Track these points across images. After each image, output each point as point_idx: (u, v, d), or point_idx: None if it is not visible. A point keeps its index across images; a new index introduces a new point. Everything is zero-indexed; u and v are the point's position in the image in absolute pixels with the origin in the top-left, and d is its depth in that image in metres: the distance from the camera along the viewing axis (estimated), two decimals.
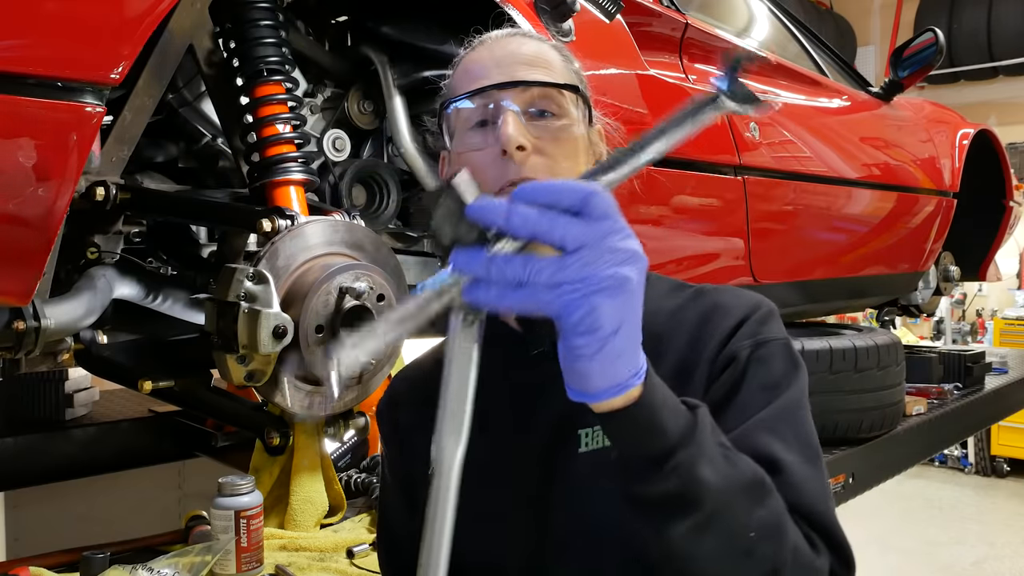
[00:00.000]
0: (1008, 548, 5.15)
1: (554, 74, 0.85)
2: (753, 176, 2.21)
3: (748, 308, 0.84)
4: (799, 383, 0.82)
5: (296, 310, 1.24)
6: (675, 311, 0.88)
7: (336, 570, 1.50)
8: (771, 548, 0.66)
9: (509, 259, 0.56)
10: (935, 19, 7.31)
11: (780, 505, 0.69)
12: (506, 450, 0.86)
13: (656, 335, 0.85)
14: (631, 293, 0.57)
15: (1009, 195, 3.61)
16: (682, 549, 0.65)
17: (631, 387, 0.61)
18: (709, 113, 0.66)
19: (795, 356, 0.83)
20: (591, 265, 0.55)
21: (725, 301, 0.86)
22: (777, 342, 0.83)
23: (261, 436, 1.55)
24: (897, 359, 2.38)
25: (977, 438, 6.52)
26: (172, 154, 1.59)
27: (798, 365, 0.83)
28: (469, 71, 0.87)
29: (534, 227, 0.55)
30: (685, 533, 0.64)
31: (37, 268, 1.05)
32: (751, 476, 0.67)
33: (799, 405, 0.81)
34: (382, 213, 1.64)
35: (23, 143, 0.98)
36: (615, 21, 1.81)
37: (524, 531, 0.84)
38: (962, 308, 7.91)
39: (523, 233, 0.56)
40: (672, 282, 0.93)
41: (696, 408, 0.67)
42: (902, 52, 3.12)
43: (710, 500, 0.63)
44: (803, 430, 0.79)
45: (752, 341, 0.82)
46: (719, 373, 0.81)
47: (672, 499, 0.63)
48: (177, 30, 1.29)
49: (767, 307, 0.86)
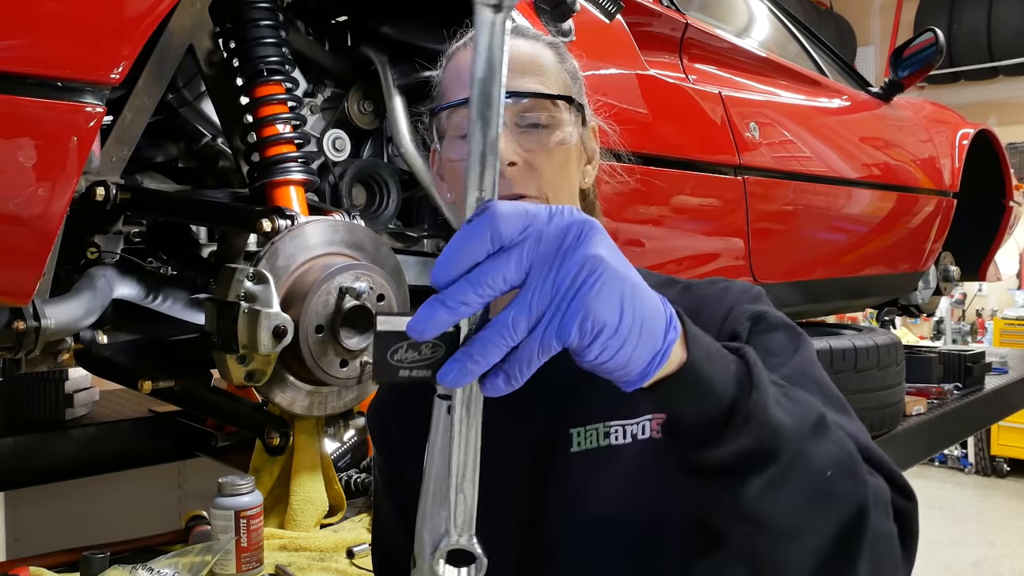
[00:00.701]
0: (1008, 548, 5.15)
1: (547, 80, 0.84)
2: (753, 176, 2.21)
3: (737, 292, 0.84)
4: (806, 346, 0.79)
5: (296, 310, 1.24)
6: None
7: (336, 570, 1.50)
8: (849, 484, 0.62)
9: (482, 341, 0.50)
10: (935, 19, 7.31)
11: (843, 436, 0.64)
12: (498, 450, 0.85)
13: None
14: (607, 265, 0.50)
15: (1009, 195, 3.61)
16: (761, 507, 0.59)
17: (671, 346, 0.54)
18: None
19: (794, 325, 0.81)
20: (550, 277, 0.49)
21: (714, 293, 0.85)
22: (773, 315, 0.81)
23: (261, 436, 1.55)
24: (897, 359, 2.38)
25: (977, 438, 6.52)
26: (172, 154, 1.59)
27: (800, 332, 0.80)
28: (459, 73, 0.85)
29: (476, 297, 0.50)
30: (764, 487, 0.58)
31: (37, 268, 1.05)
32: (814, 411, 0.62)
33: (812, 362, 0.78)
34: (382, 213, 1.64)
35: (23, 143, 0.98)
36: (615, 21, 1.82)
37: (516, 532, 0.83)
38: (962, 308, 7.91)
39: (475, 307, 0.50)
40: (661, 278, 0.92)
41: (741, 350, 0.61)
42: (902, 52, 3.12)
43: (786, 446, 0.58)
44: (825, 384, 0.76)
45: (749, 316, 0.80)
46: None
47: (748, 455, 0.58)
48: (177, 30, 1.29)
49: (755, 289, 0.85)
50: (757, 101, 2.39)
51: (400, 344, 0.52)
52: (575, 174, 0.86)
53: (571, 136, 0.83)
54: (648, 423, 0.80)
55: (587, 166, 0.90)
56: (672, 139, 1.97)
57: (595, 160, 0.91)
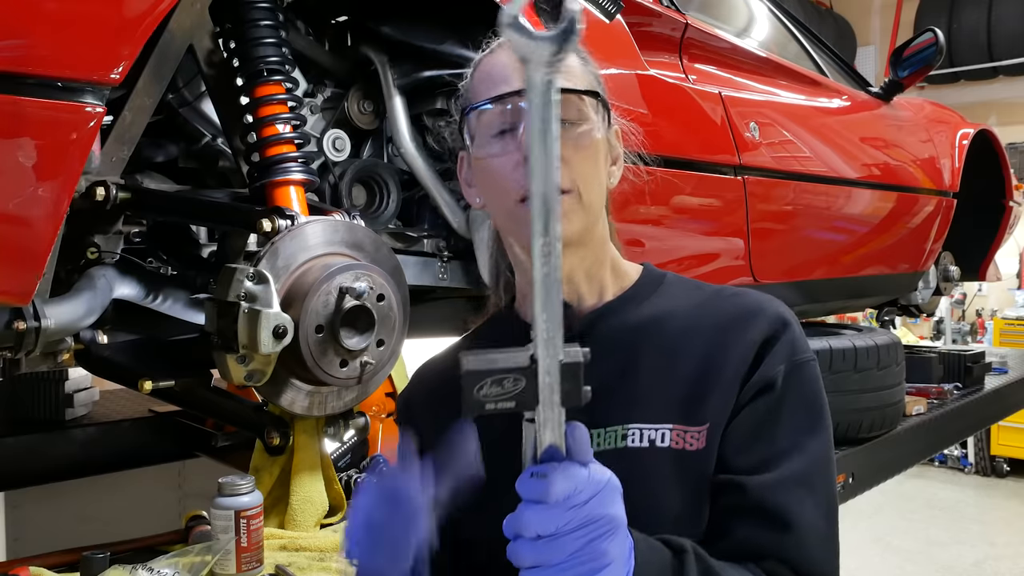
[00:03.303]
0: (1008, 548, 5.14)
1: (574, 79, 0.85)
2: (753, 176, 2.21)
3: (774, 321, 0.85)
4: (827, 413, 0.85)
5: (296, 310, 1.24)
6: (694, 311, 0.89)
7: (336, 570, 1.50)
8: None
9: None
10: (935, 19, 7.30)
11: None
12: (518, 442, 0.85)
13: (675, 334, 0.85)
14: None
15: (1009, 195, 3.61)
16: None
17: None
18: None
19: (821, 391, 0.86)
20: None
21: (748, 306, 0.87)
22: (809, 363, 0.85)
23: (261, 436, 1.55)
24: (897, 359, 2.38)
25: (977, 438, 6.52)
26: (172, 154, 1.59)
27: (823, 410, 0.85)
28: (490, 75, 0.87)
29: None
30: None
31: (37, 268, 1.05)
32: None
33: (830, 445, 0.84)
34: (382, 213, 1.64)
35: (23, 143, 0.98)
36: (615, 21, 1.81)
37: None
38: (962, 308, 7.91)
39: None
40: (690, 282, 0.95)
41: (682, 553, 0.71)
42: (902, 52, 3.12)
43: None
44: (831, 483, 0.83)
45: (787, 364, 0.83)
46: (754, 396, 0.82)
47: None
48: (177, 30, 1.29)
49: (790, 319, 0.87)
50: (757, 101, 2.39)
51: (484, 381, 0.58)
52: (604, 171, 0.88)
53: (598, 131, 0.85)
54: (669, 432, 0.82)
55: (612, 167, 0.91)
56: (672, 139, 1.97)
57: (619, 161, 0.93)
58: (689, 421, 0.82)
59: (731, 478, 0.80)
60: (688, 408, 0.82)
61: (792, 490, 0.79)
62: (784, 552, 0.77)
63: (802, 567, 0.77)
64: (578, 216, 0.83)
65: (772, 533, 0.78)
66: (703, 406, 0.82)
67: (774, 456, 0.80)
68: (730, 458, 0.81)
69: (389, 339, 1.35)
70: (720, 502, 0.80)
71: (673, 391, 0.83)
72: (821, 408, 0.85)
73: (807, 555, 0.78)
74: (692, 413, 0.82)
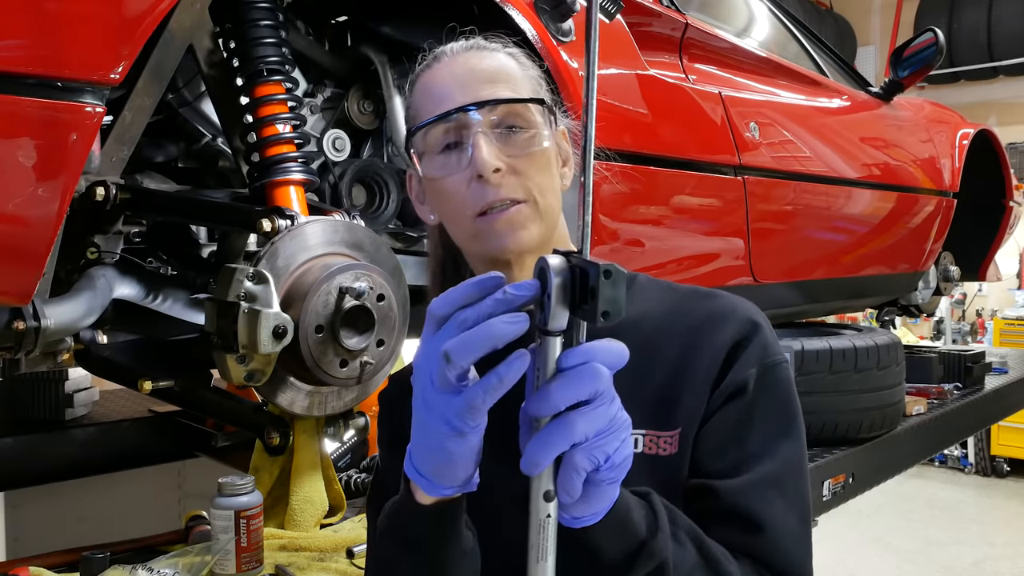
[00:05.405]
0: (1008, 548, 5.15)
1: (516, 86, 0.86)
2: (753, 176, 2.21)
3: (744, 324, 0.85)
4: (799, 415, 0.85)
5: (296, 310, 1.24)
6: (667, 313, 0.88)
7: (336, 570, 1.50)
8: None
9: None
10: (935, 19, 7.31)
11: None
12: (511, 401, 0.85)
13: (648, 337, 0.85)
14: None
15: (1009, 195, 3.61)
16: None
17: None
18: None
19: (794, 394, 0.86)
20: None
21: (719, 309, 0.86)
22: (780, 366, 0.84)
23: (261, 436, 1.55)
24: (897, 359, 2.37)
25: (977, 438, 6.52)
26: (172, 154, 1.59)
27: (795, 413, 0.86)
28: (432, 93, 0.86)
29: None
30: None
31: (37, 268, 1.05)
32: (699, 554, 0.75)
33: (802, 447, 0.84)
34: (382, 213, 1.65)
35: (23, 143, 0.98)
36: (615, 21, 1.81)
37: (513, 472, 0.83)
38: (962, 308, 7.91)
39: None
40: (662, 283, 0.94)
41: (648, 495, 0.73)
42: (902, 52, 3.12)
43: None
44: (804, 484, 0.83)
45: (758, 367, 0.83)
46: (725, 401, 0.82)
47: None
48: (177, 30, 1.29)
49: (761, 321, 0.86)
50: (757, 101, 2.39)
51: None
52: (556, 175, 0.88)
53: (546, 137, 0.85)
54: (642, 437, 0.82)
55: (564, 168, 0.91)
56: (672, 139, 1.97)
57: (570, 162, 0.92)
58: (661, 426, 0.82)
59: (703, 482, 0.80)
60: (660, 413, 0.82)
61: (764, 493, 0.79)
62: (758, 554, 0.78)
63: (776, 567, 0.78)
64: (536, 225, 0.83)
65: (745, 536, 0.78)
66: (675, 410, 0.82)
67: (746, 459, 0.80)
68: (703, 462, 0.81)
69: (389, 339, 1.35)
70: (694, 507, 0.80)
71: (645, 395, 0.83)
72: (793, 409, 0.84)
73: (780, 557, 0.78)
74: (664, 418, 0.82)
